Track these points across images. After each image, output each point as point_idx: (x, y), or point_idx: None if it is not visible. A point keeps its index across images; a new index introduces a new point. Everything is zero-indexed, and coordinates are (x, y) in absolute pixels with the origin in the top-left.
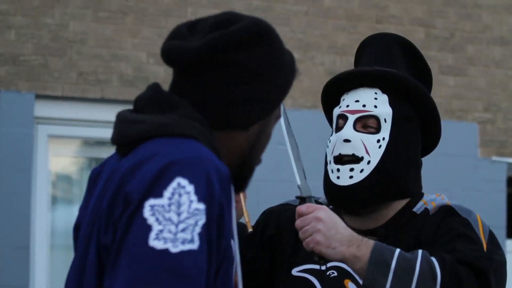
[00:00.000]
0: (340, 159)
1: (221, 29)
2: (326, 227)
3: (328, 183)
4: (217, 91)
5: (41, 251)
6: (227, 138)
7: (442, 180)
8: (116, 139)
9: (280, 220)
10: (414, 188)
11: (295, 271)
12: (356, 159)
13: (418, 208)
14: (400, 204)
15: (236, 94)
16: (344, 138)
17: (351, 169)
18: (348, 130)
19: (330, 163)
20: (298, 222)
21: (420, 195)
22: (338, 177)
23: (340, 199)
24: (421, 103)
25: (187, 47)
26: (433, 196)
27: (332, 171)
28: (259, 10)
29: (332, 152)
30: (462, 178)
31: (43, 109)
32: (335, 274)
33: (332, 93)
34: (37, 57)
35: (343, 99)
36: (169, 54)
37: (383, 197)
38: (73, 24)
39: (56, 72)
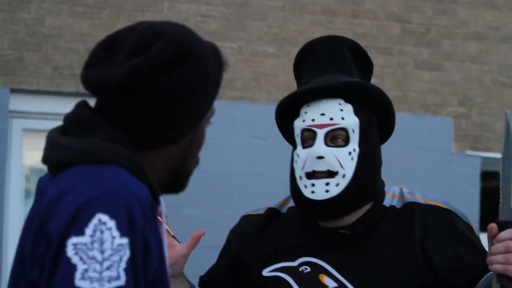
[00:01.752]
0: (314, 175)
1: (139, 53)
2: None
3: (301, 197)
4: (141, 115)
5: (14, 245)
6: (158, 155)
7: (417, 175)
8: (43, 161)
9: (242, 236)
10: (381, 188)
11: (266, 272)
12: (331, 174)
13: (387, 201)
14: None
15: (161, 116)
16: (317, 155)
17: (327, 183)
18: (320, 146)
19: (301, 178)
20: (507, 246)
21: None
22: (313, 192)
23: (317, 212)
24: (383, 107)
25: (105, 78)
26: (392, 187)
27: (306, 186)
28: (235, 5)
29: (303, 168)
30: (436, 172)
31: (18, 103)
32: (309, 269)
33: (290, 106)
34: (13, 51)
35: (305, 112)
36: (87, 85)
37: (358, 206)
38: (49, 19)
39: (32, 67)
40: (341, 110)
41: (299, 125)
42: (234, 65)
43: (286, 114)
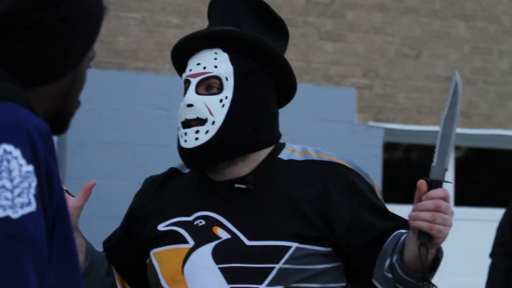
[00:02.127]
0: (188, 124)
1: None
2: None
3: (179, 148)
4: (25, 50)
5: None
6: (41, 92)
7: (319, 145)
8: None
9: (141, 194)
10: (271, 137)
11: (161, 227)
12: (201, 122)
13: (284, 155)
14: (263, 153)
15: (44, 51)
16: (187, 103)
17: (197, 131)
18: (190, 94)
19: (179, 128)
20: (438, 205)
21: (282, 144)
22: (185, 140)
23: (190, 160)
24: (266, 55)
25: None
26: (296, 145)
27: (181, 136)
28: None
29: (180, 118)
30: (339, 143)
31: None
32: (203, 223)
33: (180, 60)
34: None
35: (188, 64)
36: None
37: (232, 154)
38: None
39: None
40: (215, 59)
41: (183, 77)
42: (137, 35)
43: (180, 69)
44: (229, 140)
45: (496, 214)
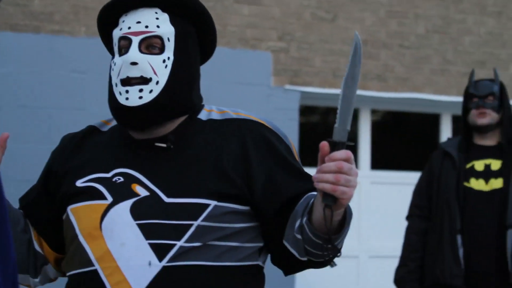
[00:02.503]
0: (128, 82)
1: None
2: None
3: (116, 105)
4: None
5: None
6: None
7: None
8: None
9: (58, 151)
10: (198, 100)
11: (79, 182)
12: (144, 81)
13: (203, 115)
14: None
15: None
16: (131, 61)
17: (141, 90)
18: (134, 52)
19: (117, 85)
20: (341, 166)
21: (200, 106)
22: (127, 98)
23: (130, 119)
24: (200, 18)
25: None
26: (214, 106)
27: (121, 93)
28: None
29: (119, 75)
30: (255, 106)
31: None
32: (122, 179)
33: (110, 16)
34: None
35: (123, 21)
36: None
37: (172, 115)
38: None
39: None
40: (157, 18)
41: (116, 34)
42: None
43: (106, 24)
44: (172, 100)
45: (412, 177)
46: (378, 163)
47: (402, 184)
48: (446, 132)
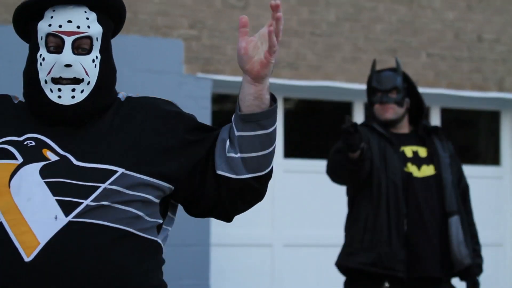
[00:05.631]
0: (60, 81)
1: None
2: None
3: (47, 101)
4: None
5: None
6: None
7: None
8: None
9: None
10: (116, 93)
11: None
12: (76, 81)
13: (120, 96)
14: None
15: None
16: (65, 63)
17: (73, 89)
18: (68, 54)
19: (47, 83)
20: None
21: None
22: (59, 97)
23: (61, 116)
24: (120, 14)
25: None
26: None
27: (52, 91)
28: None
29: (50, 73)
30: (167, 94)
31: None
32: (33, 144)
33: (34, 6)
34: None
35: (51, 16)
36: None
37: (101, 111)
38: None
39: None
40: (87, 18)
41: (44, 28)
42: None
43: (27, 14)
44: (100, 98)
45: (324, 165)
46: (291, 151)
47: (315, 173)
48: (358, 120)
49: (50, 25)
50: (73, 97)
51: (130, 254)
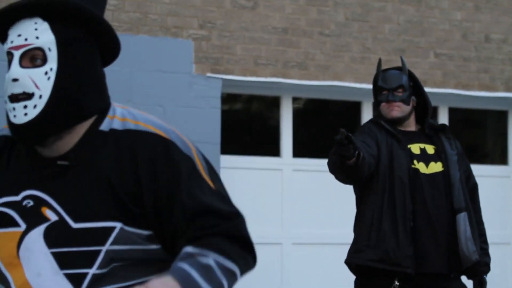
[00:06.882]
0: (16, 98)
1: None
2: None
3: (9, 123)
4: None
5: None
6: None
7: (157, 97)
8: None
9: None
10: (98, 105)
11: None
12: (28, 96)
13: (105, 125)
14: (86, 124)
15: None
16: (12, 78)
17: (25, 106)
18: (15, 68)
19: (6, 103)
20: None
21: (107, 110)
22: (15, 116)
23: (21, 136)
24: (86, 21)
25: None
26: (118, 109)
27: (10, 111)
28: None
29: (6, 92)
30: (177, 94)
31: None
32: (32, 203)
33: (1, 30)
34: None
35: (9, 35)
36: None
37: (61, 126)
38: None
39: None
40: (36, 29)
41: (4, 48)
42: None
43: (2, 39)
44: (58, 113)
45: None
46: (300, 151)
47: (324, 172)
48: (367, 120)
49: (7, 43)
50: (26, 114)
51: None
